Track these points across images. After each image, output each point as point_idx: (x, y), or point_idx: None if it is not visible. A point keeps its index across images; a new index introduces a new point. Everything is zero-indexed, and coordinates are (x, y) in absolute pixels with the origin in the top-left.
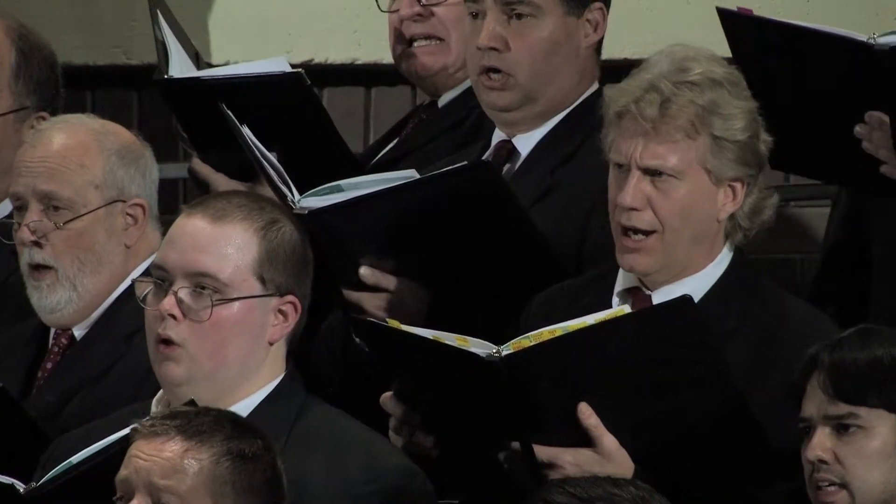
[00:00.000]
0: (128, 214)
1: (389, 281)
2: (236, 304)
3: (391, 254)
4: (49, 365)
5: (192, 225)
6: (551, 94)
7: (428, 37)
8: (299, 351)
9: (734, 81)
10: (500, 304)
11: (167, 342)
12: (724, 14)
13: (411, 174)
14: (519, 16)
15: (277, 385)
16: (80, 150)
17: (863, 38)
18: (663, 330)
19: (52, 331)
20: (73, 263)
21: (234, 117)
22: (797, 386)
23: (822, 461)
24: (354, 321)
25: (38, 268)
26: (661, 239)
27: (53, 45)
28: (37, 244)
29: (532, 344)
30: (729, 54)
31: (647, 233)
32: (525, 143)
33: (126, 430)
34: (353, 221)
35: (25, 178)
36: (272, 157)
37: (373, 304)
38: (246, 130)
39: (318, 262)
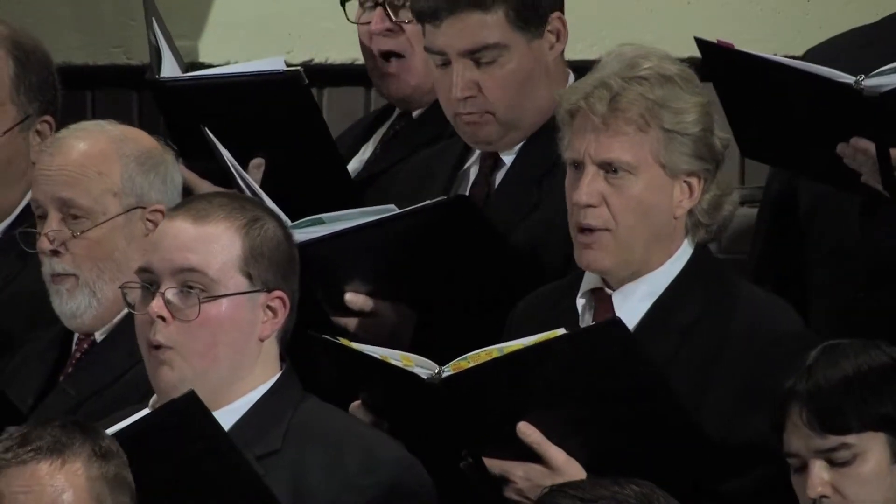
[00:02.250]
0: (148, 220)
1: (375, 304)
2: (224, 302)
3: (375, 281)
4: (70, 370)
5: (175, 227)
6: (530, 119)
7: (397, 55)
8: (299, 359)
9: (686, 78)
10: (485, 319)
11: (158, 346)
12: (701, 44)
13: (390, 208)
14: (486, 60)
15: (275, 382)
16: (99, 157)
17: (849, 79)
18: (596, 350)
19: (76, 336)
20: (92, 271)
21: (216, 141)
22: (776, 420)
23: (824, 496)
24: (310, 339)
25: (58, 274)
26: (614, 236)
27: (53, 45)
28: (56, 253)
29: (470, 366)
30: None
31: (600, 229)
32: (510, 152)
33: (128, 421)
34: (336, 253)
35: (44, 186)
36: (254, 183)
37: (359, 327)
38: (227, 155)
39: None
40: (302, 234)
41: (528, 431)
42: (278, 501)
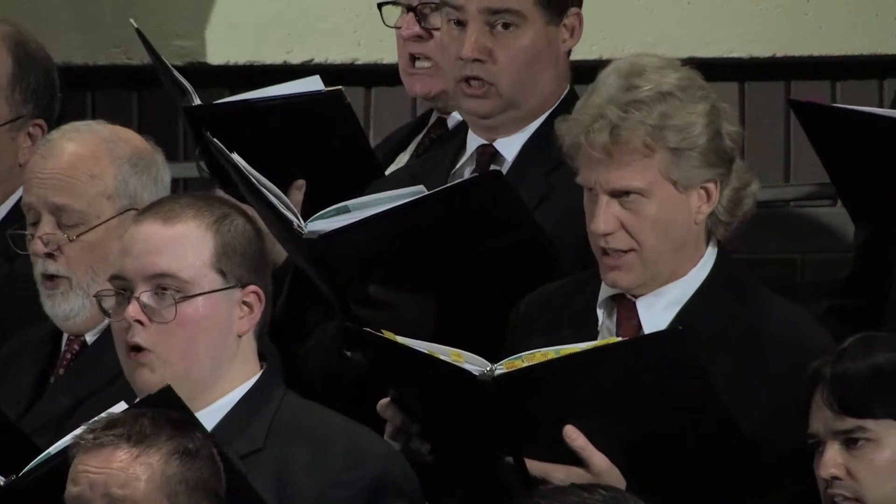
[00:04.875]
0: None
1: (398, 296)
2: (200, 301)
3: (401, 268)
4: (61, 371)
5: (145, 230)
6: (532, 101)
7: (427, 58)
8: (287, 363)
9: (684, 86)
10: (508, 309)
11: (137, 349)
12: (795, 106)
13: (420, 190)
14: (504, 25)
15: (257, 380)
16: (91, 160)
17: None
18: (653, 359)
19: (65, 336)
20: (86, 273)
21: (222, 146)
22: (803, 402)
23: (835, 478)
24: (351, 331)
25: (51, 277)
26: (639, 256)
27: (53, 45)
28: (50, 256)
29: (524, 365)
30: (720, 54)
31: (625, 250)
32: (509, 147)
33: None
34: (363, 241)
35: (38, 190)
36: (269, 182)
37: (383, 319)
38: (237, 158)
39: (311, 281)
40: (328, 224)
41: (574, 435)
42: (262, 500)
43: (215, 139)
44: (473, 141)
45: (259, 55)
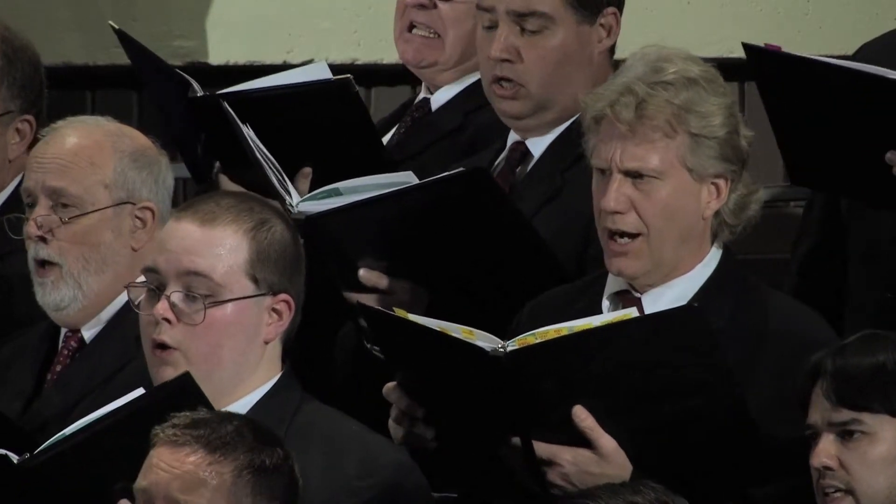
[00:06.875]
0: (136, 217)
1: (388, 282)
2: (230, 306)
3: (390, 256)
4: (59, 367)
5: (183, 228)
6: (563, 102)
7: (427, 27)
8: (303, 358)
9: (710, 79)
10: (500, 305)
11: (162, 346)
12: (748, 49)
13: (408, 177)
14: (532, 29)
15: (275, 383)
16: (93, 149)
17: None
18: (668, 335)
19: (63, 333)
20: (77, 261)
21: (235, 116)
22: (802, 393)
23: (827, 468)
24: (362, 309)
25: (43, 264)
26: (646, 241)
27: (53, 45)
28: (42, 239)
29: (537, 342)
30: (720, 54)
31: (632, 236)
32: (538, 145)
33: (122, 401)
34: (351, 225)
35: (36, 174)
36: (273, 159)
37: (372, 304)
38: (248, 130)
39: (320, 268)
40: (317, 206)
41: (582, 416)
42: None
43: (231, 109)
44: (511, 137)
45: (259, 55)
